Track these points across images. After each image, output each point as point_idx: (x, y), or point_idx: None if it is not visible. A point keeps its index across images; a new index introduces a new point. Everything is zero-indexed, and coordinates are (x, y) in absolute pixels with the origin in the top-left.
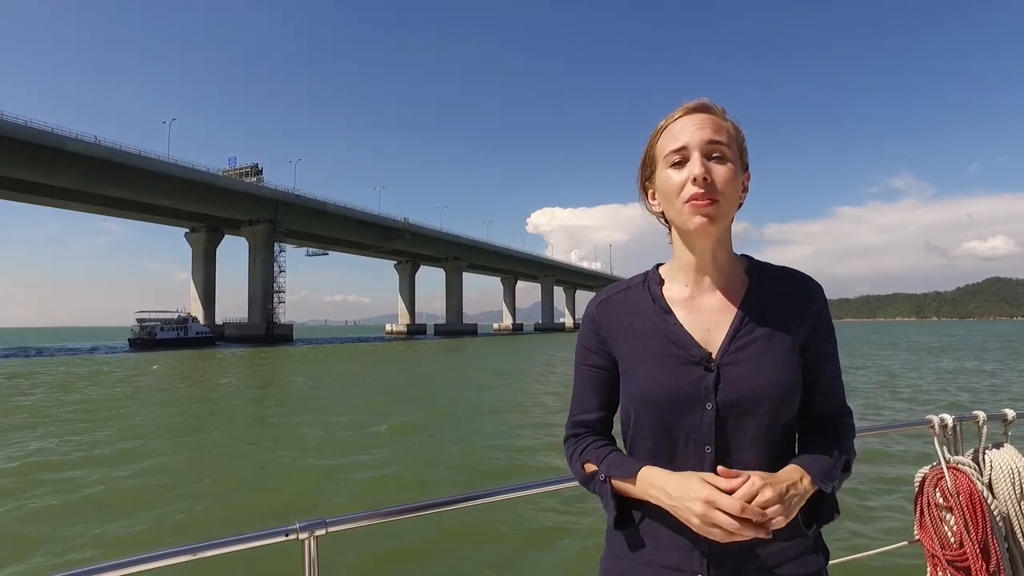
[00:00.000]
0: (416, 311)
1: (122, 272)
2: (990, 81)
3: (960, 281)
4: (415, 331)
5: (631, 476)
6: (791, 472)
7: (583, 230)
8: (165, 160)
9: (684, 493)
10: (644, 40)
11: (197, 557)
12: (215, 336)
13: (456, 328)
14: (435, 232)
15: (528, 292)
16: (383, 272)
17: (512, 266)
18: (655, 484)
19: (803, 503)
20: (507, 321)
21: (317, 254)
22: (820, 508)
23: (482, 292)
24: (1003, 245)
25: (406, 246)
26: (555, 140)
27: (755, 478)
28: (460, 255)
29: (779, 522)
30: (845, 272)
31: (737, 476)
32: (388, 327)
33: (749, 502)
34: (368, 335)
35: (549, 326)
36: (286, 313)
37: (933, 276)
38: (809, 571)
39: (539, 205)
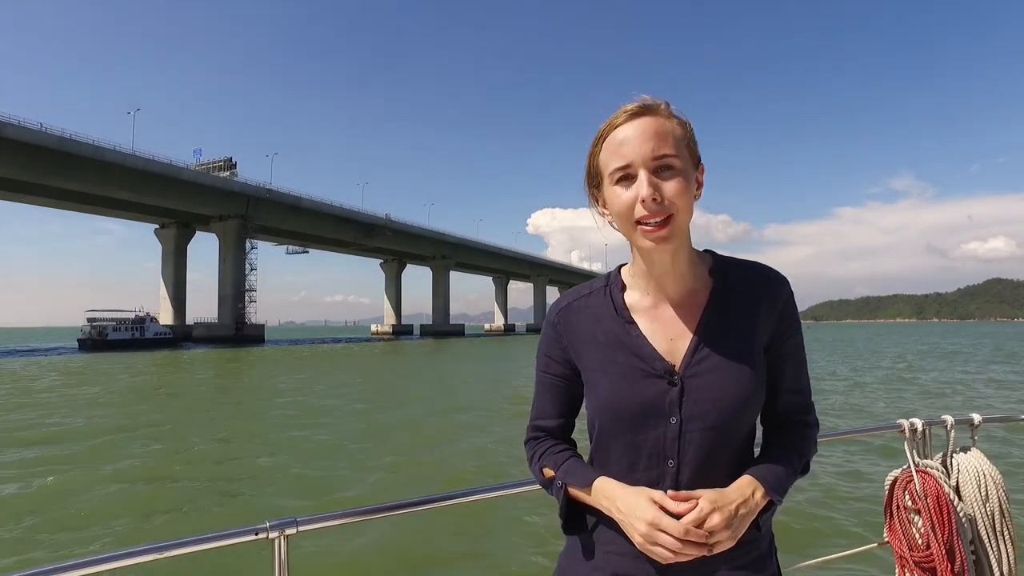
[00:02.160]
0: (414, 311)
1: (122, 272)
2: (992, 81)
3: (960, 282)
4: (400, 331)
5: (587, 485)
6: (743, 488)
7: (584, 231)
8: (123, 151)
9: (631, 510)
10: (644, 33)
11: (164, 556)
12: (179, 337)
13: (443, 329)
14: (419, 229)
15: (528, 293)
16: (380, 272)
17: (504, 265)
18: (607, 496)
19: (754, 516)
20: (499, 322)
21: (297, 252)
22: (767, 510)
23: (481, 294)
24: (1004, 246)
25: (388, 243)
26: (558, 137)
27: (703, 503)
28: (447, 253)
29: (725, 545)
30: (845, 273)
31: (687, 500)
32: (373, 327)
33: (698, 527)
34: (353, 336)
35: (542, 326)
36: (256, 312)
37: (933, 277)
38: (764, 574)
39: (540, 206)
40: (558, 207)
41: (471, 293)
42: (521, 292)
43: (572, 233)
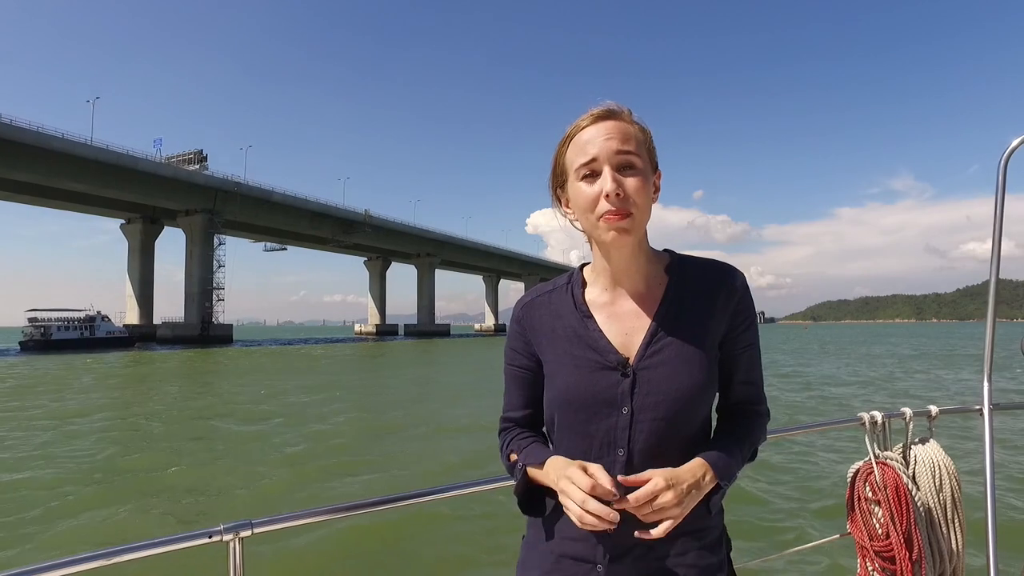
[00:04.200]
0: (411, 311)
1: (121, 271)
2: (991, 80)
3: (960, 283)
4: (385, 332)
5: (541, 463)
6: (695, 469)
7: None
8: (71, 139)
9: (568, 480)
10: (645, 30)
11: (112, 562)
12: (136, 337)
13: (428, 329)
14: (402, 226)
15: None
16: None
17: (493, 264)
18: (555, 470)
19: (700, 498)
20: (489, 321)
21: (275, 249)
22: (715, 493)
23: (480, 293)
24: (1004, 247)
25: (369, 240)
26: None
27: (658, 479)
28: (432, 251)
29: (670, 525)
30: (844, 273)
31: (638, 482)
32: (357, 328)
33: (651, 501)
34: (335, 336)
35: None
36: (224, 311)
37: (933, 278)
38: (711, 561)
39: (540, 206)
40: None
41: (470, 293)
42: (519, 292)
43: (571, 233)
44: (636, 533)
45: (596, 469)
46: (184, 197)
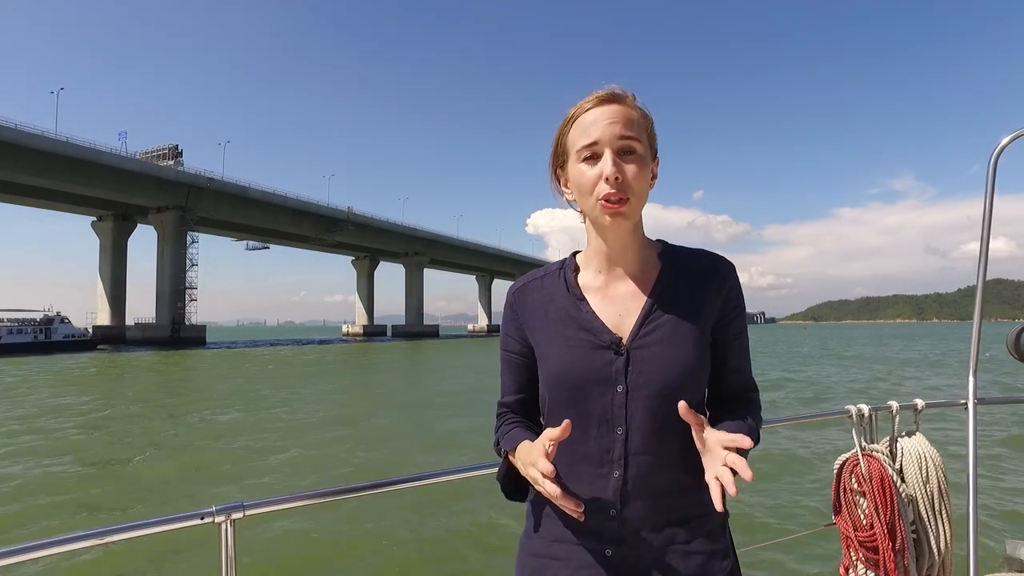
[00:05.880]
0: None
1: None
2: (991, 81)
3: (960, 283)
4: (373, 332)
5: (513, 449)
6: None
7: (583, 231)
8: (26, 130)
9: (524, 459)
10: (643, 30)
11: (104, 541)
12: (98, 339)
13: (416, 330)
14: (388, 224)
15: None
16: (383, 272)
17: (485, 263)
18: (519, 455)
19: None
20: (482, 322)
21: (257, 248)
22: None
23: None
24: (1004, 247)
25: (353, 239)
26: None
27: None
28: (420, 250)
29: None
30: (845, 273)
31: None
32: (344, 328)
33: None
34: (324, 337)
35: None
36: (197, 312)
37: (933, 278)
38: (717, 546)
39: (540, 206)
40: (558, 208)
41: (471, 293)
42: None
43: (572, 233)
44: (725, 490)
45: (544, 459)
46: (154, 193)
